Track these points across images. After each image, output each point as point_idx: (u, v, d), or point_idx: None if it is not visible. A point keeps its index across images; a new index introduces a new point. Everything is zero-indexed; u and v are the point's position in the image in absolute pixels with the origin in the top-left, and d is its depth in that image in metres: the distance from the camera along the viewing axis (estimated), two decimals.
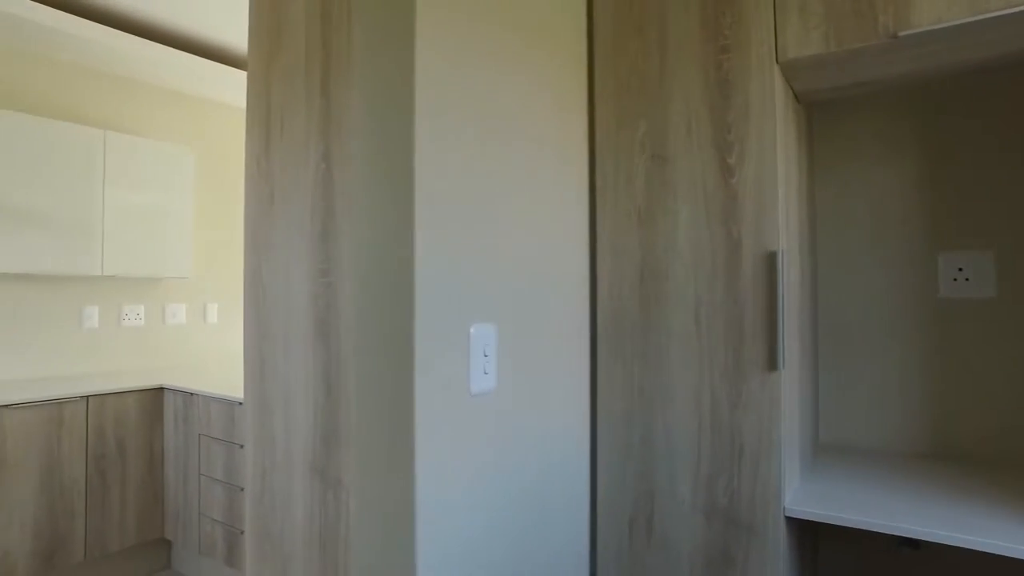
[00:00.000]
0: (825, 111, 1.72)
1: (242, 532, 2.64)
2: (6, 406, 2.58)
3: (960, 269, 1.53)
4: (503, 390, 1.16)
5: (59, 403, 2.73)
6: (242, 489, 2.64)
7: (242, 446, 2.64)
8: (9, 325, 3.09)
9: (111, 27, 3.10)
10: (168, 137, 3.73)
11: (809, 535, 1.54)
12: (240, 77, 3.59)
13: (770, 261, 1.27)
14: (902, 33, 1.13)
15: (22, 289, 3.13)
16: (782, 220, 1.28)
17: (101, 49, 3.15)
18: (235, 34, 3.37)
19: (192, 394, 2.88)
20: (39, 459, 2.66)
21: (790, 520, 1.29)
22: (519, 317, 1.22)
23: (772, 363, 1.26)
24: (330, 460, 1.23)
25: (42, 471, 2.67)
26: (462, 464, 1.07)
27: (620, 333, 1.44)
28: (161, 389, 3.07)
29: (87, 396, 2.81)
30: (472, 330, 1.07)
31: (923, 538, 1.12)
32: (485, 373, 1.09)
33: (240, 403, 2.63)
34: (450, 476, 1.04)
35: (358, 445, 1.17)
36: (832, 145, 1.71)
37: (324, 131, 1.25)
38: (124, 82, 3.53)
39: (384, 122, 1.06)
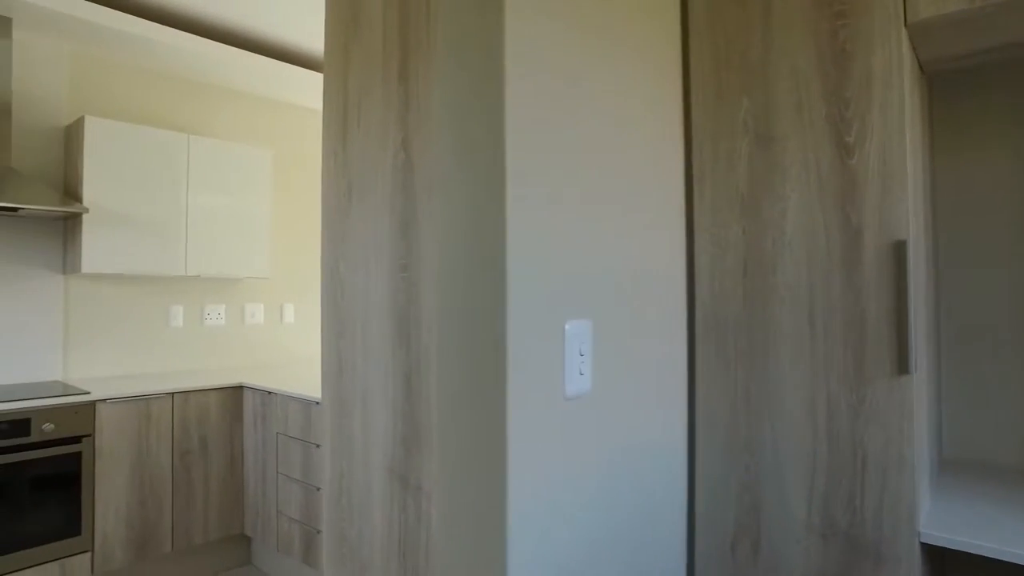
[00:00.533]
0: (950, 81, 1.53)
1: (319, 532, 2.64)
2: (102, 400, 2.68)
3: None
4: (598, 392, 1.07)
5: (147, 399, 2.82)
6: (318, 489, 2.64)
7: (318, 446, 2.65)
8: (104, 323, 3.23)
9: (194, 34, 3.19)
10: (246, 139, 3.83)
11: (937, 563, 1.36)
12: (314, 79, 3.64)
13: (897, 251, 1.12)
14: None
15: (115, 289, 3.27)
16: (911, 204, 1.12)
17: (186, 56, 3.25)
18: (309, 36, 3.41)
19: (270, 393, 2.92)
20: (130, 452, 2.76)
21: (923, 547, 1.13)
22: (614, 313, 1.12)
23: (902, 366, 1.10)
24: (410, 464, 1.17)
25: (133, 464, 2.77)
26: (553, 474, 0.98)
27: (722, 331, 1.31)
28: (241, 388, 3.13)
29: (172, 393, 2.89)
30: (567, 327, 0.98)
31: None
32: (580, 374, 0.99)
33: (317, 403, 2.64)
34: (542, 486, 0.96)
35: (440, 449, 1.10)
36: (957, 120, 1.52)
37: (403, 119, 1.19)
38: (205, 87, 3.64)
39: (471, 106, 0.98)
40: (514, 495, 0.91)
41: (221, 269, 3.37)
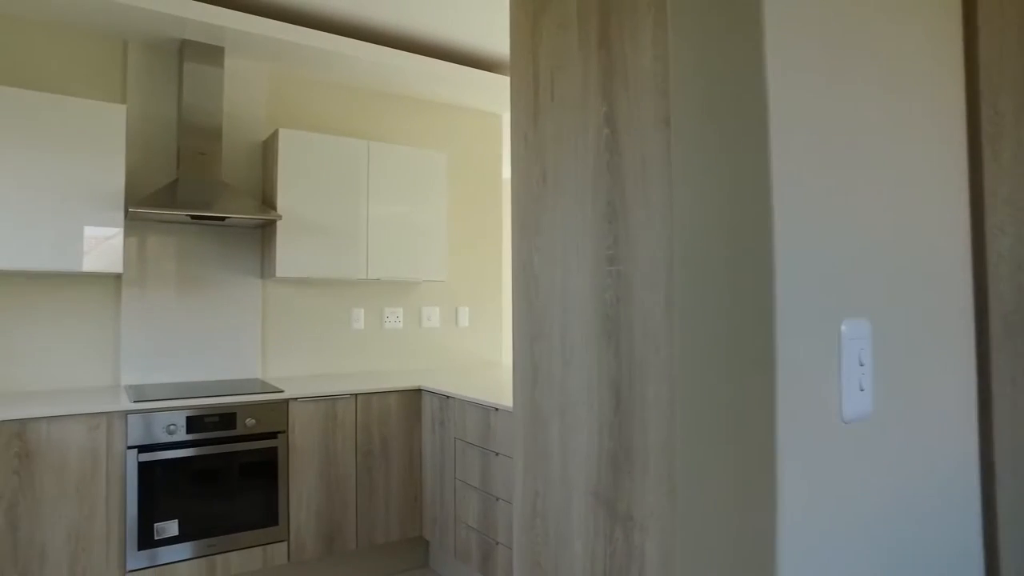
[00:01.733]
0: None
1: (497, 543, 2.55)
2: (295, 399, 2.82)
3: None
4: (881, 415, 0.81)
5: (334, 399, 2.92)
6: (498, 499, 2.56)
7: (498, 454, 2.56)
8: (294, 325, 3.44)
9: (372, 43, 3.30)
10: (421, 143, 3.92)
11: None
12: (484, 79, 3.63)
13: None
14: None
15: (303, 292, 3.47)
16: None
17: (371, 66, 3.39)
18: (480, 37, 3.40)
19: (448, 397, 2.90)
20: (318, 450, 2.88)
21: None
22: (892, 311, 0.86)
23: None
24: (619, 489, 0.99)
25: (320, 461, 2.88)
26: (829, 521, 0.74)
27: None
28: (419, 391, 3.16)
29: (356, 394, 2.98)
30: (843, 328, 0.74)
31: None
32: (861, 390, 0.75)
33: (496, 409, 2.56)
34: (816, 535, 0.73)
35: (661, 474, 0.91)
36: None
37: (606, 89, 1.02)
38: (383, 95, 3.78)
39: (713, 64, 0.78)
40: (785, 545, 0.69)
41: (399, 272, 3.44)
